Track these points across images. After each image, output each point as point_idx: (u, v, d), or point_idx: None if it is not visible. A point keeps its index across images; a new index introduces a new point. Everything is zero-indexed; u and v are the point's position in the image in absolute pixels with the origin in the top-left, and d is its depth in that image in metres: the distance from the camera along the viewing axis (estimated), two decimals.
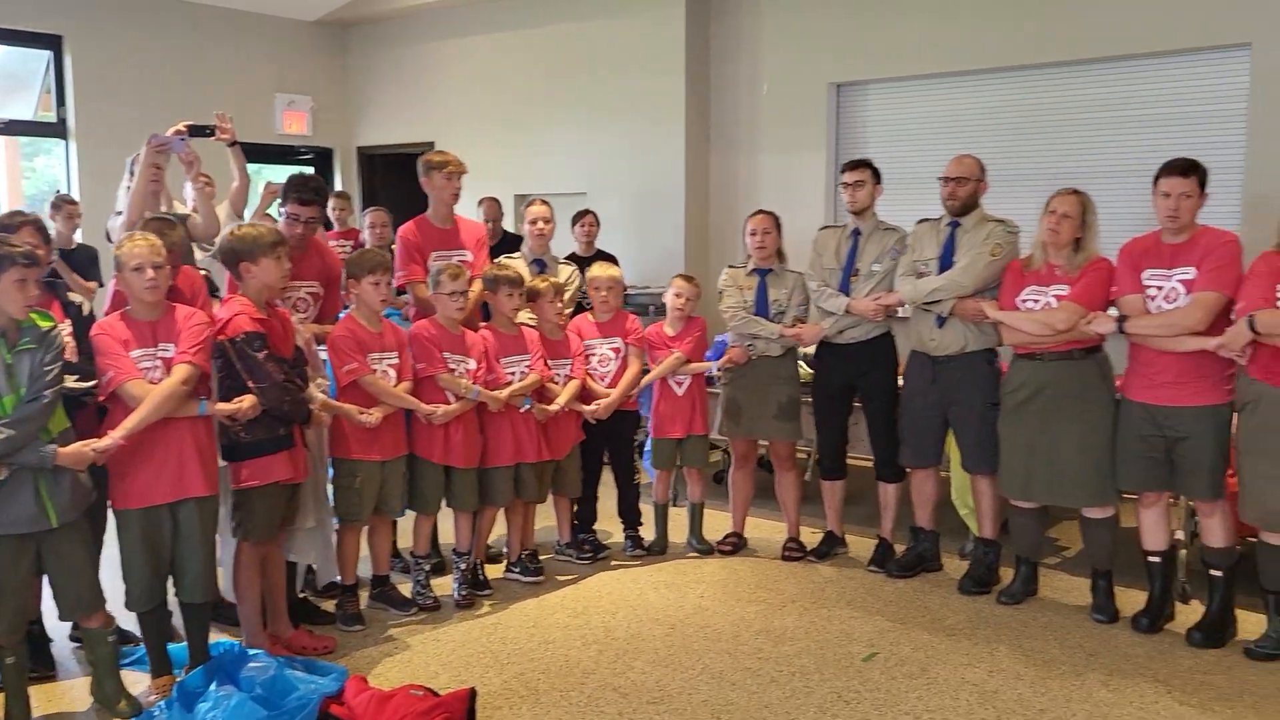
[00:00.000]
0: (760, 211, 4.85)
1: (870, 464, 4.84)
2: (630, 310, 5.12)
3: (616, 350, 4.85)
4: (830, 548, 4.92)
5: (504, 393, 4.32)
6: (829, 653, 3.83)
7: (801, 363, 5.07)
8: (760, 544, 5.09)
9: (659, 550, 5.01)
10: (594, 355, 4.83)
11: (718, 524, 5.15)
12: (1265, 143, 5.32)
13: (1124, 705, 3.40)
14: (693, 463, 5.02)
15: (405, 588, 4.36)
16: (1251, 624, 3.91)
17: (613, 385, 4.78)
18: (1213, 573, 3.94)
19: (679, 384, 4.93)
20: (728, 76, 7.24)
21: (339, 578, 4.19)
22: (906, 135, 6.57)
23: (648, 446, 5.15)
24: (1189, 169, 3.77)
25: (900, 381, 4.66)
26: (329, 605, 4.22)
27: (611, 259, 6.19)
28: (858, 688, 3.55)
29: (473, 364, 4.27)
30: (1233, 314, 3.67)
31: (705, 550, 4.99)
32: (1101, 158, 5.87)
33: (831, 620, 4.14)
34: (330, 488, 4.15)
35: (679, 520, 5.14)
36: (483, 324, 4.54)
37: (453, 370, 4.22)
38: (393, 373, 4.11)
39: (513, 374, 4.44)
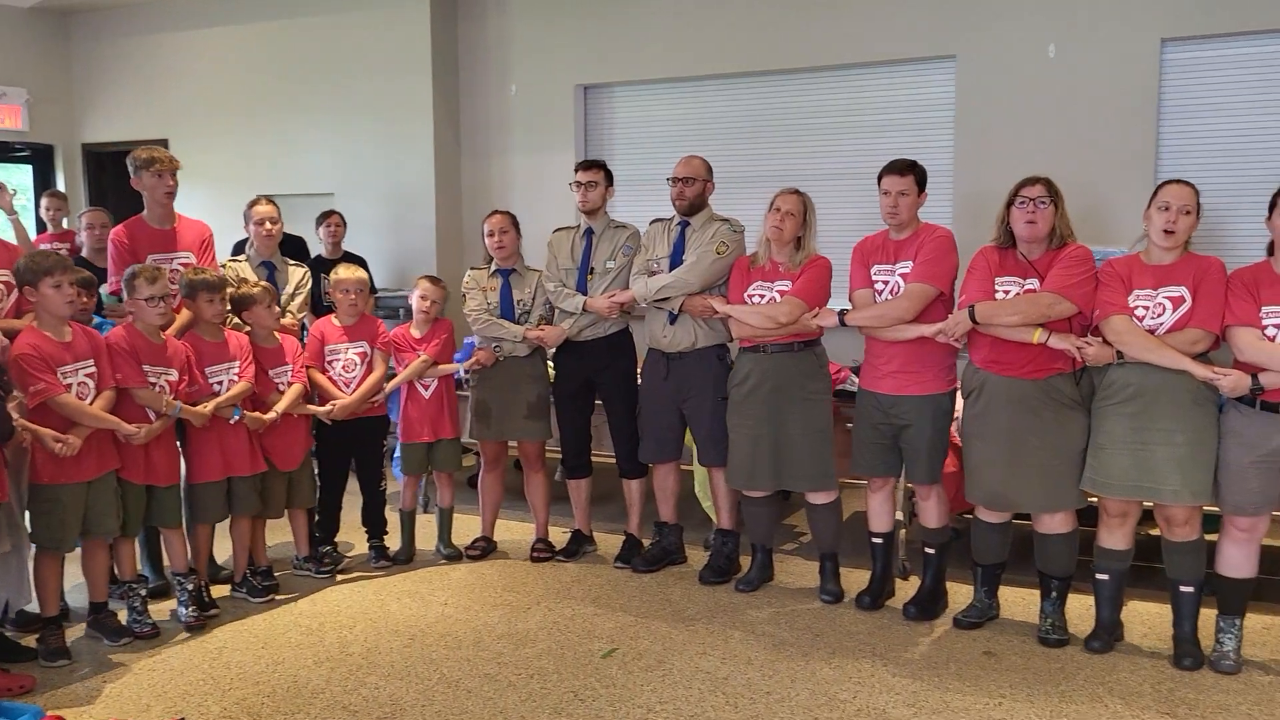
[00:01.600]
0: (496, 211, 4.81)
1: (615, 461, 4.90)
2: (381, 313, 4.96)
3: (363, 355, 4.68)
4: (578, 546, 4.94)
5: (208, 406, 4.09)
6: (569, 652, 3.83)
7: (550, 362, 5.07)
8: (510, 546, 5.05)
9: (405, 559, 4.89)
10: (338, 360, 4.65)
11: (469, 529, 5.08)
12: (970, 146, 5.76)
13: (843, 681, 3.57)
14: (444, 467, 4.92)
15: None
16: (961, 595, 4.20)
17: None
18: (927, 550, 4.20)
19: (425, 387, 4.82)
20: (477, 78, 7.17)
21: (35, 607, 3.85)
22: (650, 137, 6.73)
23: (397, 453, 5.02)
24: (907, 168, 4.00)
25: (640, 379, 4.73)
26: (30, 640, 3.87)
27: (360, 261, 6.01)
28: (595, 685, 3.57)
29: (175, 375, 4.02)
30: (956, 306, 3.93)
31: (453, 556, 4.91)
32: (825, 161, 6.19)
33: (574, 619, 4.15)
34: (28, 512, 3.79)
35: (429, 528, 5.03)
36: (238, 331, 4.27)
37: (152, 384, 3.94)
38: (91, 383, 3.78)
39: (220, 383, 4.20)
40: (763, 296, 4.23)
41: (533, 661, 3.75)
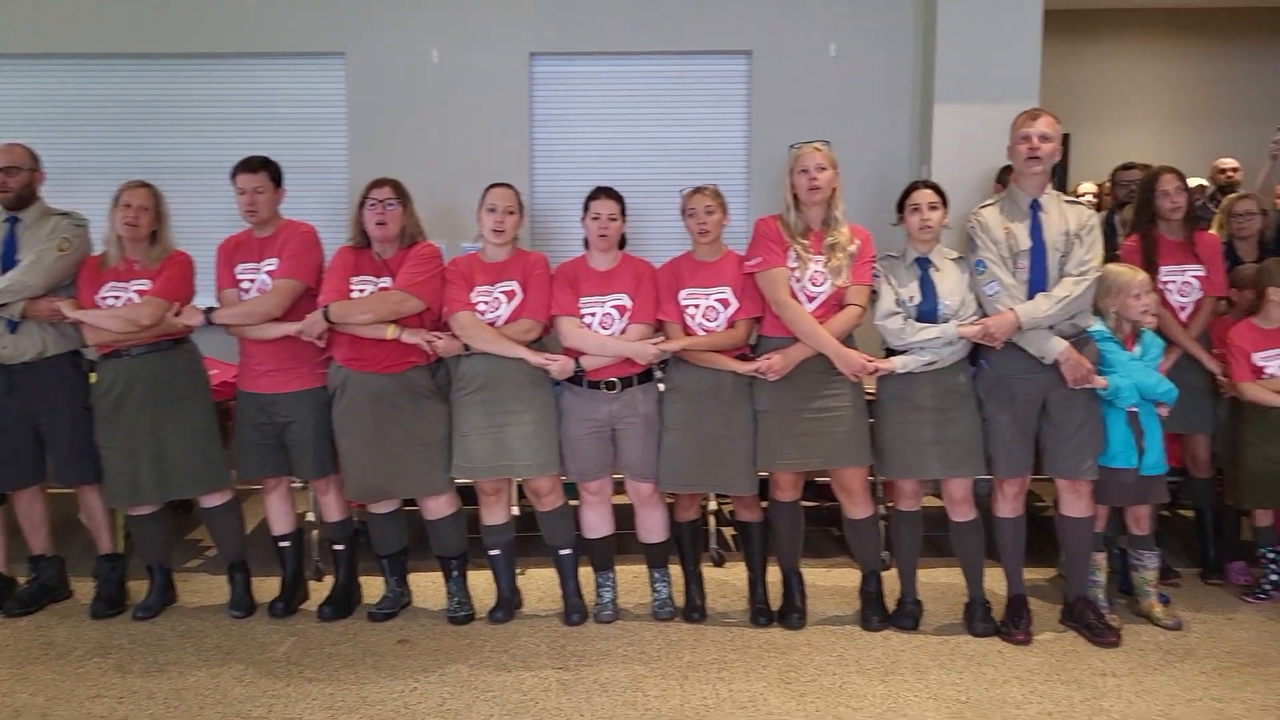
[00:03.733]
0: None
1: None
2: None
3: None
4: None
5: None
6: None
7: None
8: None
9: None
10: None
11: None
12: (363, 145, 5.84)
13: (258, 698, 3.45)
14: None
15: None
16: (374, 588, 4.27)
17: None
18: (336, 547, 4.21)
19: None
20: None
21: None
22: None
23: None
24: (260, 165, 3.98)
25: None
26: None
27: None
28: None
29: None
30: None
31: None
32: (197, 153, 5.86)
33: None
34: None
35: None
36: None
37: None
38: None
39: None
40: (118, 298, 3.93)
41: None
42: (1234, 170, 6.44)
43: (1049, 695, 3.43)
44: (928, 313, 3.82)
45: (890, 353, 3.91)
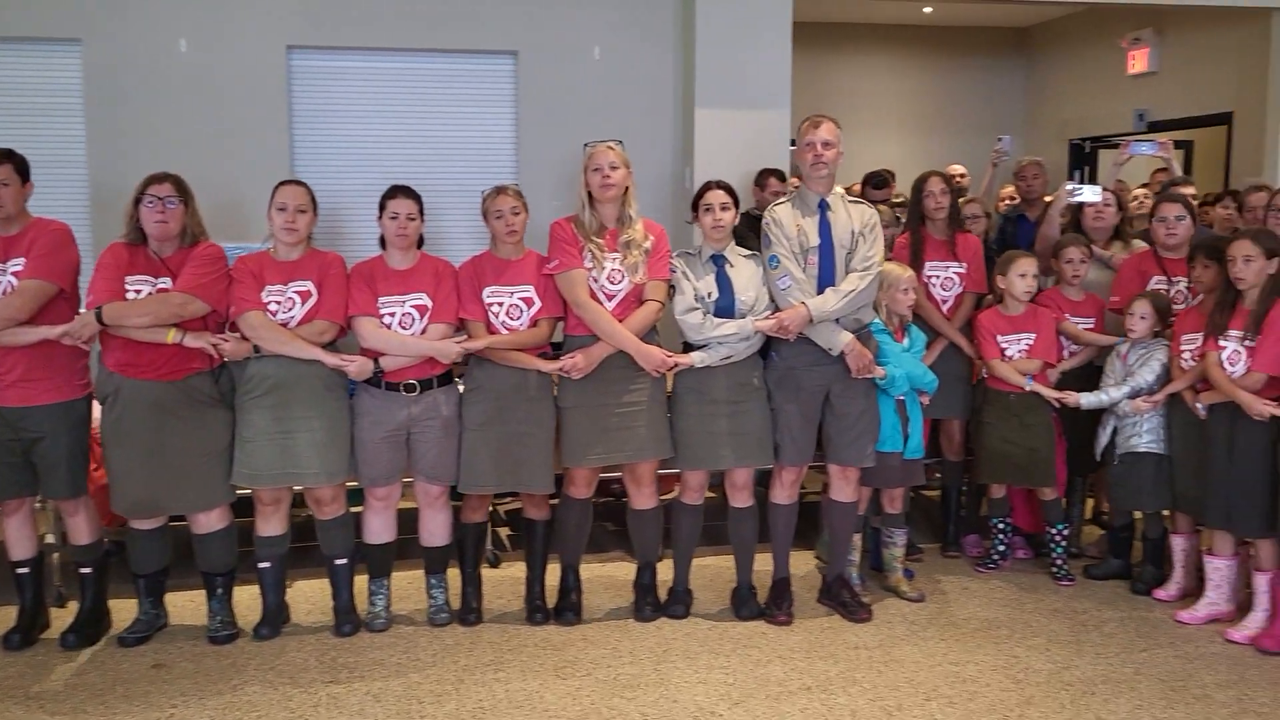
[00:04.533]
0: None
1: None
2: None
3: None
4: None
5: None
6: None
7: None
8: None
9: None
10: None
11: None
12: (103, 136, 5.45)
13: None
14: None
15: None
16: (127, 611, 4.00)
17: None
18: (83, 570, 3.92)
19: None
20: None
21: None
22: None
23: None
24: (3, 158, 3.66)
25: None
26: None
27: None
28: None
29: None
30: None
31: None
32: None
33: None
34: None
35: None
36: None
37: None
38: None
39: None
40: None
41: None
42: (961, 176, 7.00)
43: (808, 671, 3.63)
44: (725, 308, 3.96)
45: (688, 347, 4.03)
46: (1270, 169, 6.17)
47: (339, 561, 3.98)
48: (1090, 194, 4.77)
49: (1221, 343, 3.90)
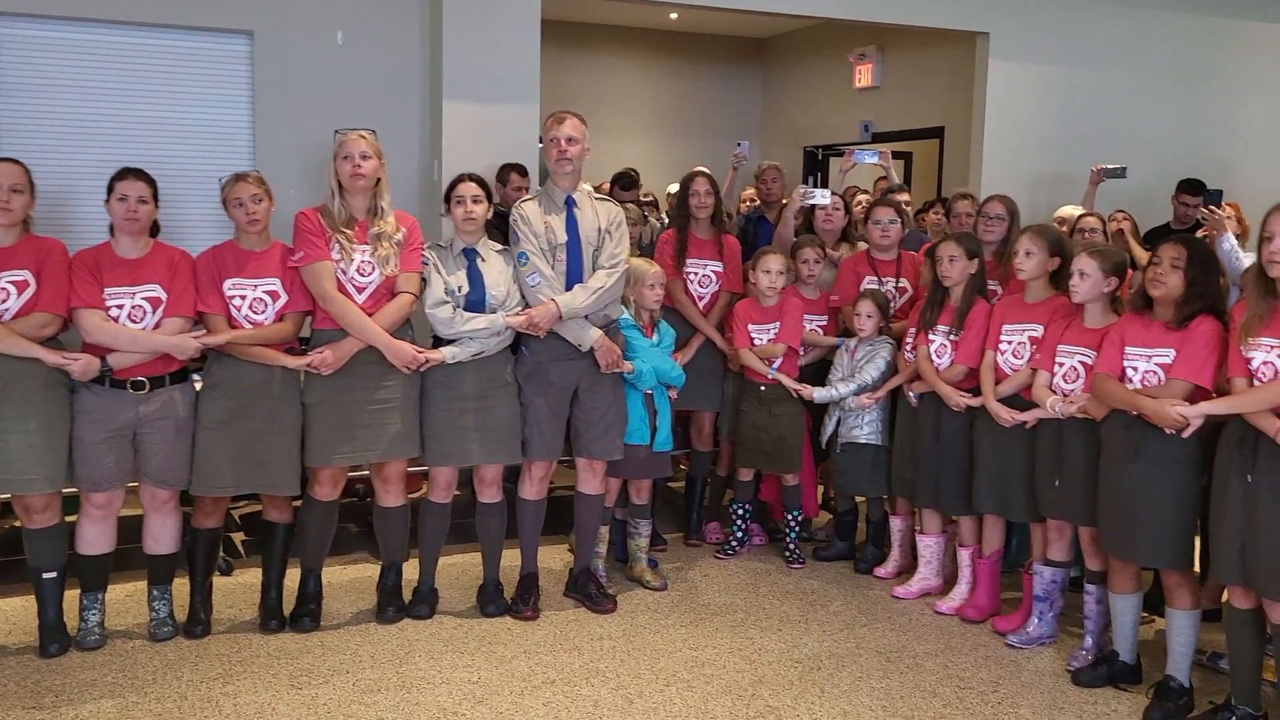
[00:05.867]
0: None
1: None
2: None
3: None
4: None
5: None
6: None
7: None
8: None
9: None
10: None
11: None
12: None
13: None
14: None
15: None
16: None
17: None
18: None
19: None
20: None
21: None
22: None
23: None
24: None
25: None
26: None
27: None
28: None
29: None
30: None
31: None
32: None
33: None
34: None
35: None
36: None
37: None
38: None
39: None
40: None
41: None
42: None
43: (553, 665, 3.66)
44: (476, 302, 3.91)
45: (438, 342, 3.95)
46: (975, 179, 6.73)
47: (48, 575, 3.64)
48: (821, 197, 5.06)
49: (930, 337, 4.23)
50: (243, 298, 3.70)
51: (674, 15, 9.04)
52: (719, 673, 3.63)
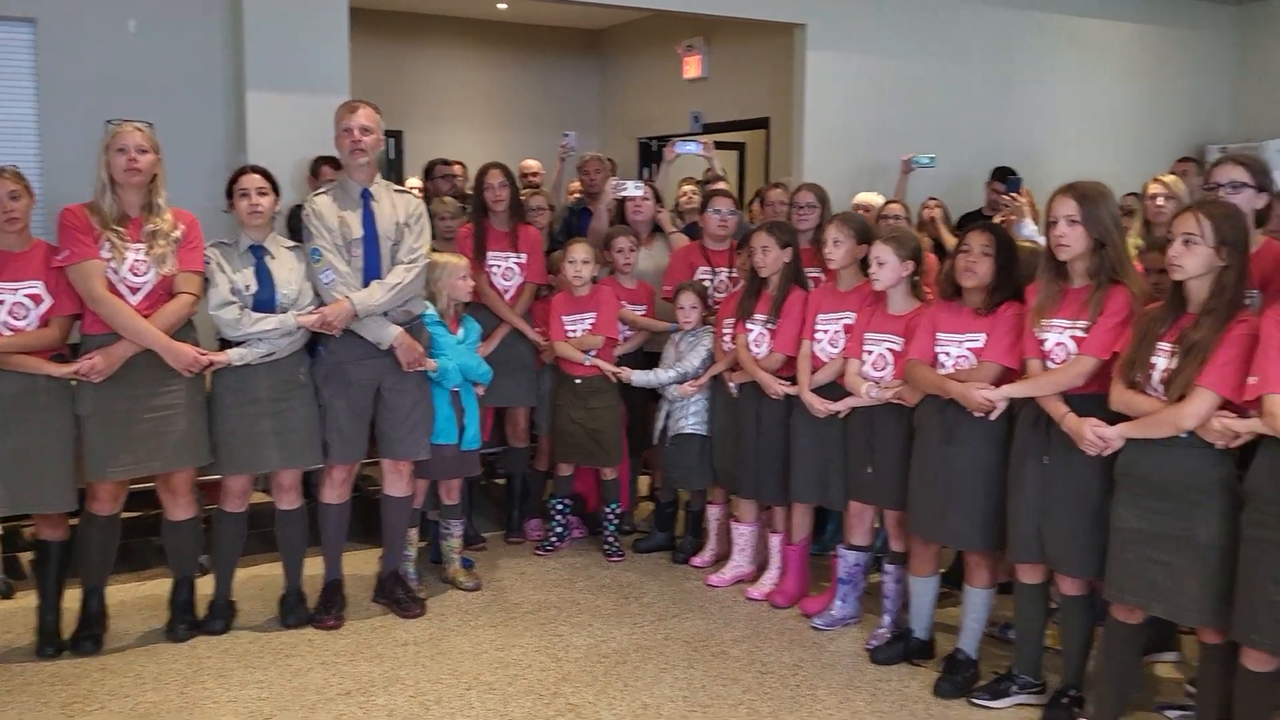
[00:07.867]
0: None
1: None
2: None
3: None
4: None
5: None
6: None
7: None
8: None
9: None
10: None
11: None
12: None
13: None
14: None
15: None
16: None
17: None
18: None
19: None
20: None
21: None
22: None
23: None
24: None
25: None
26: None
27: None
28: None
29: None
30: None
31: None
32: None
33: None
34: None
35: None
36: None
37: None
38: None
39: None
40: None
41: None
42: (535, 173, 7.14)
43: (351, 675, 3.53)
44: (265, 302, 3.73)
45: (225, 344, 3.75)
46: (799, 170, 6.82)
47: None
48: (633, 189, 5.05)
49: (749, 326, 4.25)
50: (1, 303, 3.45)
51: (502, 5, 8.91)
52: (523, 673, 3.58)
